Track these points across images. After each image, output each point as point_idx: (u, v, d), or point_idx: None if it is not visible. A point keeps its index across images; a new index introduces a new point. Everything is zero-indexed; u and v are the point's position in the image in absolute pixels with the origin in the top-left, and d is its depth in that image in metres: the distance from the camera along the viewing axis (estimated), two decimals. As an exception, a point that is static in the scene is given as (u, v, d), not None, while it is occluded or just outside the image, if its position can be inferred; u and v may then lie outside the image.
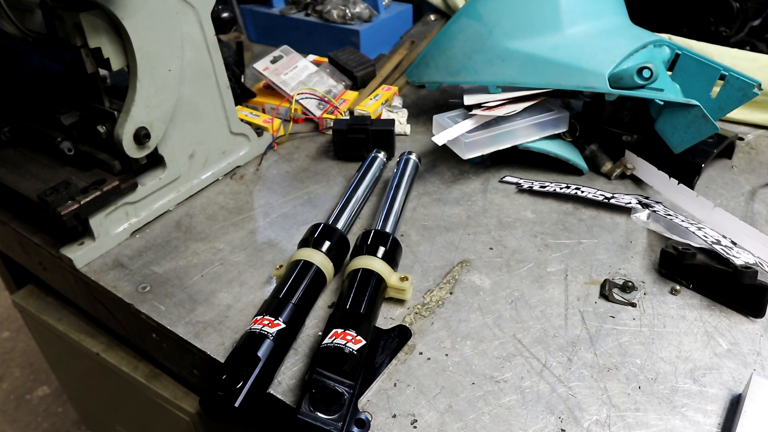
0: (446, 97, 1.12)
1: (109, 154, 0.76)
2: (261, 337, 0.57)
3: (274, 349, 0.57)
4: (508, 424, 0.54)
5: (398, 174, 0.83)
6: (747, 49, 1.03)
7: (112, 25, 0.68)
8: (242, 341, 0.58)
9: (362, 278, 0.64)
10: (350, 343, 0.56)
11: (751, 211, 0.81)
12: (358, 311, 0.60)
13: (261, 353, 0.56)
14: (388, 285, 0.66)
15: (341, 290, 0.66)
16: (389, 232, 0.71)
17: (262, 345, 0.57)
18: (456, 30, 0.90)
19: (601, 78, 0.79)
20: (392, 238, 0.69)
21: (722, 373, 0.59)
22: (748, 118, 1.00)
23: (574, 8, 0.84)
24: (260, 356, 0.56)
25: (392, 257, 0.68)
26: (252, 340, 0.57)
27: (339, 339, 0.57)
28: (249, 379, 0.54)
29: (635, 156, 0.86)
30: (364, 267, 0.65)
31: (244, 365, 0.55)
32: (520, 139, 0.86)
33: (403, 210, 0.79)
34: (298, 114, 1.05)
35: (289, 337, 0.60)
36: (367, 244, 0.68)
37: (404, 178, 0.82)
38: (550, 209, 0.82)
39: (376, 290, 0.64)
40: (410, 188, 0.83)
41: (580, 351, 0.61)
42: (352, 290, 0.63)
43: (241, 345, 0.57)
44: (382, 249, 0.67)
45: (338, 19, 1.26)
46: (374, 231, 0.70)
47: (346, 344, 0.56)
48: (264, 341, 0.57)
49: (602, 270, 0.71)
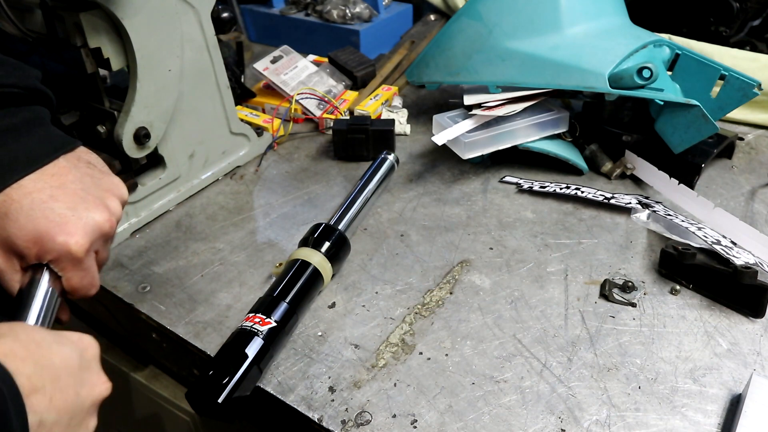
0: (446, 97, 1.12)
1: (109, 154, 0.76)
2: (251, 335, 0.58)
3: (264, 347, 0.57)
4: (508, 424, 0.54)
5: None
6: (747, 49, 1.03)
7: (112, 25, 0.68)
8: (232, 338, 0.58)
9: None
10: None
11: (751, 211, 0.81)
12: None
13: (249, 351, 0.56)
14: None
15: None
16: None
17: (252, 342, 0.57)
18: (456, 30, 0.90)
19: (601, 78, 0.79)
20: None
21: (722, 373, 0.59)
22: (748, 118, 1.00)
23: (574, 8, 0.84)
24: (248, 354, 0.56)
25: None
26: (241, 337, 0.58)
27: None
28: (235, 376, 0.54)
29: (635, 156, 0.86)
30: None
31: (232, 362, 0.55)
32: (520, 139, 0.86)
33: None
34: (298, 114, 1.05)
35: (281, 336, 0.60)
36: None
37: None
38: (550, 209, 0.82)
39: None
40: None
41: (580, 351, 0.61)
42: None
43: (230, 342, 0.58)
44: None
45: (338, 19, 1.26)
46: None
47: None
48: (253, 339, 0.57)
49: (602, 270, 0.71)
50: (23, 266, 0.51)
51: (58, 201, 0.50)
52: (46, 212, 0.49)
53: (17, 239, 0.49)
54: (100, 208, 0.53)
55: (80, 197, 0.52)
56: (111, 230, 0.54)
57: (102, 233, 0.53)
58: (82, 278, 0.52)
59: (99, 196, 0.53)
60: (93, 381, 0.44)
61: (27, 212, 0.49)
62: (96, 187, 0.54)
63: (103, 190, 0.55)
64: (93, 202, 0.52)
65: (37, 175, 0.51)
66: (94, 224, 0.52)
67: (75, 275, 0.52)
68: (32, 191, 0.50)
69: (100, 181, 0.55)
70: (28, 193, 0.50)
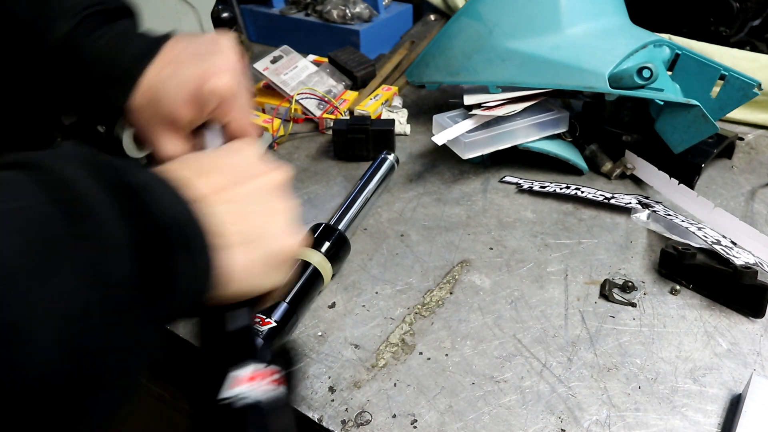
0: (446, 97, 1.12)
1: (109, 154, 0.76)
2: None
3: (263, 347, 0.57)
4: (508, 424, 0.54)
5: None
6: (747, 49, 1.03)
7: (112, 25, 0.68)
8: None
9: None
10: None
11: (751, 211, 0.81)
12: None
13: None
14: None
15: None
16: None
17: None
18: (456, 30, 0.90)
19: (601, 78, 0.79)
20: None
21: (722, 373, 0.59)
22: (748, 118, 1.00)
23: (574, 8, 0.84)
24: None
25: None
26: None
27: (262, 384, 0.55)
28: None
29: (635, 156, 0.86)
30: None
31: None
32: (520, 139, 0.86)
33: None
34: (298, 114, 1.05)
35: (281, 336, 0.60)
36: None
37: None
38: (550, 209, 0.82)
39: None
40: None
41: (580, 351, 0.61)
42: None
43: None
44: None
45: (338, 19, 1.26)
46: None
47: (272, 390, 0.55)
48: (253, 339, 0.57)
49: (602, 270, 0.71)
50: None
51: (184, 65, 0.53)
52: (183, 76, 0.52)
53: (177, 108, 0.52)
54: (223, 52, 0.55)
55: (199, 55, 0.54)
56: (241, 67, 0.56)
57: (238, 71, 0.55)
58: (242, 116, 0.54)
59: (212, 50, 0.55)
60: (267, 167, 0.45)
61: (170, 84, 0.52)
62: (208, 43, 0.56)
63: (212, 43, 0.56)
64: (212, 52, 0.55)
65: (157, 59, 0.53)
66: (225, 65, 0.53)
67: (235, 115, 0.54)
68: (161, 70, 0.53)
69: (204, 39, 0.57)
70: (159, 72, 0.52)
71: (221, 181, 0.39)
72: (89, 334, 0.28)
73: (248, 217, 0.39)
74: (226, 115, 0.53)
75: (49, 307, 0.27)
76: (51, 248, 0.28)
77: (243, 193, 0.40)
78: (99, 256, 0.29)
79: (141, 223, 0.31)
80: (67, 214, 0.29)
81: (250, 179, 0.41)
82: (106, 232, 0.29)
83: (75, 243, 0.28)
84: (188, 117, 0.52)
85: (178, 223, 0.33)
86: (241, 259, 0.37)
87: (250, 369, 0.38)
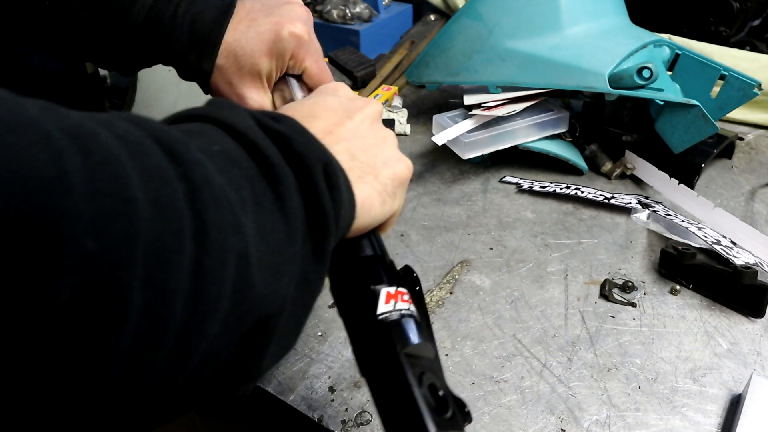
0: (446, 97, 1.12)
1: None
2: None
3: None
4: (508, 424, 0.54)
5: None
6: (747, 49, 1.03)
7: (113, 25, 0.68)
8: None
9: None
10: (406, 303, 0.41)
11: (751, 211, 0.81)
12: (389, 260, 0.45)
13: None
14: None
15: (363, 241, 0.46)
16: None
17: None
18: (456, 30, 0.90)
19: (601, 78, 0.79)
20: None
21: (722, 373, 0.59)
22: (748, 118, 1.00)
23: (574, 8, 0.84)
24: None
25: None
26: None
27: (401, 303, 0.41)
28: None
29: (635, 156, 0.86)
30: None
31: None
32: (520, 139, 0.86)
33: None
34: (298, 114, 1.04)
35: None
36: None
37: None
38: (550, 209, 0.82)
39: None
40: None
41: (580, 351, 0.61)
42: None
43: None
44: None
45: (338, 19, 1.26)
46: None
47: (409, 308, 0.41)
48: None
49: (602, 270, 0.71)
50: None
51: (257, 19, 0.56)
52: (258, 29, 0.56)
53: (258, 60, 0.55)
54: (291, 3, 0.58)
55: (270, 8, 0.57)
56: (310, 16, 0.59)
57: (308, 19, 0.58)
58: (318, 60, 0.57)
59: (281, 2, 0.58)
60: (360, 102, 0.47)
61: (248, 38, 0.56)
62: None
63: None
64: (281, 4, 0.58)
65: (233, 19, 0.57)
66: (296, 14, 0.57)
67: (311, 60, 0.57)
68: (237, 27, 0.56)
69: None
70: (236, 29, 0.56)
71: (326, 124, 0.42)
72: (285, 261, 0.31)
73: (360, 151, 0.42)
74: (303, 61, 0.56)
75: (259, 236, 0.30)
76: (252, 185, 0.31)
77: (349, 130, 0.43)
78: (285, 193, 0.32)
79: (297, 167, 0.34)
80: (253, 158, 0.32)
81: (350, 116, 0.43)
82: (281, 174, 0.32)
83: (267, 182, 0.32)
84: (269, 67, 0.55)
85: (323, 163, 0.35)
86: (366, 189, 0.41)
87: (385, 291, 0.40)
